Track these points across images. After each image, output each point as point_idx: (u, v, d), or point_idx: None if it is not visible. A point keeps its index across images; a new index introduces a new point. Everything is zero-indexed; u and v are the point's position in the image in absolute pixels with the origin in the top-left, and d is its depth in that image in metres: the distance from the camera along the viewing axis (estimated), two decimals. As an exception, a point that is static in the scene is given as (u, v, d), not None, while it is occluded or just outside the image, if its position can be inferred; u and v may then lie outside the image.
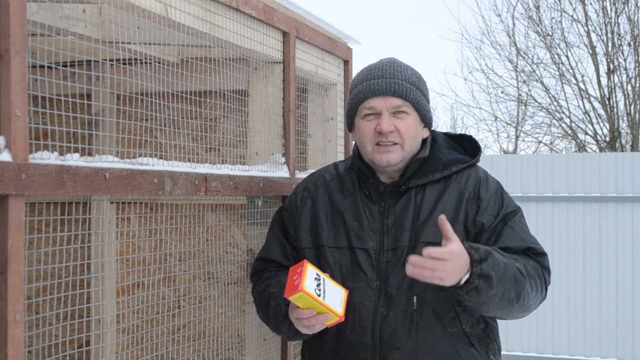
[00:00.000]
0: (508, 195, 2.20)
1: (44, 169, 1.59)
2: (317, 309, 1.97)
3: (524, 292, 2.00)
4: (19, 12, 1.54)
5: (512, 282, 1.97)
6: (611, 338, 7.19)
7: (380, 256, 2.11)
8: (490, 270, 1.92)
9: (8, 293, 1.51)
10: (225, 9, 2.39)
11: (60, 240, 2.50)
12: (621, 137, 13.13)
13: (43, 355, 2.18)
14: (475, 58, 22.77)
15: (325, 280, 2.00)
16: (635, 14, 12.68)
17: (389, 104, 2.12)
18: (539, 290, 2.07)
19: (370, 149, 2.14)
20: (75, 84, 1.95)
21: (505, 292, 1.96)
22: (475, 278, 1.91)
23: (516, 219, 2.15)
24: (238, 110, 2.75)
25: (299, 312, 2.00)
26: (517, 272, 1.99)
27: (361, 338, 2.08)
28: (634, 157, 7.29)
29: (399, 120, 2.12)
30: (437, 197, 2.14)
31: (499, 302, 1.98)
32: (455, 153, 2.23)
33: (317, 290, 1.94)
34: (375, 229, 2.14)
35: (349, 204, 2.20)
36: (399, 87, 2.12)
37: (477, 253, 1.93)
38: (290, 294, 1.94)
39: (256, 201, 2.69)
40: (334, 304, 1.97)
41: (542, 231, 7.41)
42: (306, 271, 1.96)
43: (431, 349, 2.05)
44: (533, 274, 2.05)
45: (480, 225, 2.10)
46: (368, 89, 2.13)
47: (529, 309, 2.09)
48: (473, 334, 2.09)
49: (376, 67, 2.19)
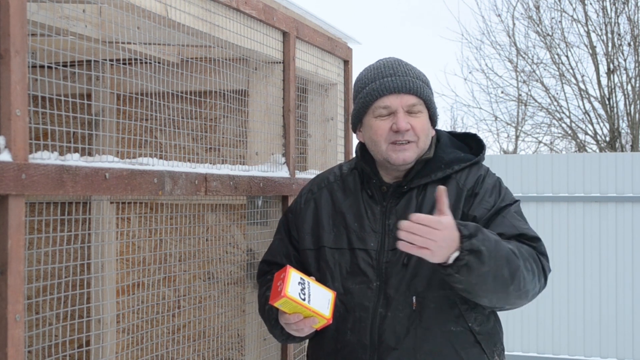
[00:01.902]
0: (506, 190, 2.16)
1: (44, 169, 1.59)
2: (303, 313, 1.97)
3: (519, 273, 1.92)
4: (19, 12, 1.54)
5: (504, 260, 1.89)
6: (611, 338, 7.19)
7: (380, 257, 2.10)
8: (481, 245, 1.86)
9: (8, 293, 1.51)
10: (225, 9, 2.39)
11: (60, 240, 2.50)
12: (621, 137, 13.13)
13: (43, 355, 2.18)
14: (475, 58, 22.80)
15: (310, 284, 2.00)
16: (635, 14, 12.69)
17: (404, 102, 2.10)
18: (535, 274, 1.98)
19: (385, 147, 2.11)
20: (75, 84, 1.95)
21: (498, 270, 1.88)
22: (466, 254, 1.85)
23: (511, 209, 2.09)
24: (238, 110, 2.75)
25: (286, 317, 2.01)
26: (509, 252, 1.92)
27: (360, 339, 2.08)
28: (634, 157, 7.29)
29: (413, 118, 2.10)
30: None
31: (493, 282, 1.90)
32: (459, 152, 2.22)
33: (301, 294, 1.94)
34: (376, 229, 2.13)
35: (350, 205, 2.20)
36: (414, 84, 2.11)
37: (466, 229, 1.88)
38: (275, 300, 1.95)
39: (256, 201, 2.68)
40: (320, 307, 1.97)
41: (542, 231, 7.40)
42: (289, 276, 1.96)
43: (429, 349, 2.04)
44: (527, 256, 1.97)
45: (472, 219, 2.05)
46: (382, 87, 2.10)
47: (527, 295, 2.00)
48: (482, 331, 2.07)
49: (385, 65, 2.16)
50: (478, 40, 20.09)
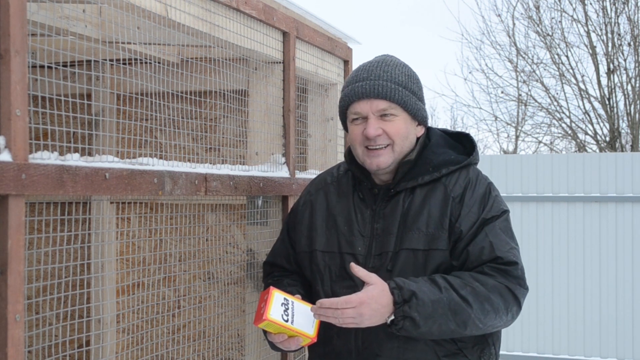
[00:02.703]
0: (495, 198, 2.10)
1: (44, 169, 1.59)
2: (287, 333, 2.01)
3: (470, 320, 1.94)
4: (19, 12, 1.54)
5: (447, 316, 1.92)
6: (611, 338, 7.19)
7: (367, 261, 2.08)
8: (414, 312, 1.90)
9: (8, 293, 1.51)
10: (225, 9, 2.39)
11: (60, 240, 2.50)
12: (621, 137, 13.12)
13: (43, 355, 2.18)
14: (475, 58, 22.78)
15: (295, 303, 2.02)
16: (635, 14, 12.68)
17: (374, 108, 2.06)
18: (500, 310, 1.98)
19: (361, 152, 2.10)
20: (75, 84, 1.95)
21: (442, 326, 1.92)
22: (400, 319, 1.91)
23: (496, 223, 2.05)
24: (238, 110, 2.75)
25: (272, 337, 2.06)
26: (458, 303, 1.92)
27: (346, 343, 2.08)
28: (634, 157, 7.29)
29: (386, 123, 2.07)
30: (424, 201, 2.08)
31: (440, 334, 1.95)
32: (450, 153, 2.16)
33: (284, 315, 1.97)
34: (365, 233, 2.12)
35: (342, 208, 2.19)
36: (383, 88, 2.06)
37: (400, 294, 1.91)
38: (258, 322, 1.99)
39: (256, 201, 2.68)
40: (304, 326, 2.00)
41: (542, 231, 7.42)
42: (272, 298, 1.99)
43: (412, 356, 2.03)
44: (486, 296, 1.95)
45: (458, 232, 2.03)
46: (353, 93, 2.09)
47: (494, 328, 2.02)
48: (463, 339, 2.04)
49: (364, 68, 2.13)
50: (478, 40, 20.09)
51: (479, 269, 2.00)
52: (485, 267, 2.00)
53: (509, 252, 2.02)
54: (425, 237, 2.04)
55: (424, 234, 2.04)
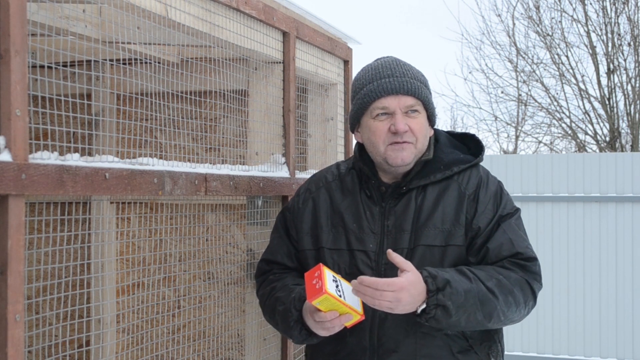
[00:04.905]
0: (507, 196, 2.17)
1: (44, 169, 1.59)
2: (339, 310, 1.94)
3: (496, 312, 1.97)
4: (19, 12, 1.54)
5: (476, 306, 1.94)
6: (611, 338, 7.19)
7: (380, 258, 2.09)
8: (447, 300, 1.91)
9: (8, 293, 1.51)
10: (225, 9, 2.39)
11: (60, 240, 2.50)
12: (621, 137, 13.13)
13: (43, 355, 2.18)
14: (475, 58, 22.77)
15: (341, 282, 1.99)
16: (635, 14, 12.68)
17: (402, 104, 2.09)
18: (521, 304, 2.02)
19: (384, 148, 2.10)
20: (75, 84, 1.95)
21: (470, 316, 1.95)
22: (432, 308, 1.91)
23: (512, 220, 2.10)
24: (238, 110, 2.75)
25: (321, 316, 1.96)
26: (485, 295, 1.96)
27: (360, 341, 2.07)
28: (634, 157, 7.29)
29: (411, 120, 2.10)
30: (438, 198, 2.11)
31: (466, 325, 1.97)
32: (458, 152, 2.20)
33: (337, 291, 1.93)
34: (375, 230, 2.12)
35: (348, 205, 2.19)
36: (412, 85, 2.10)
37: (433, 283, 1.91)
38: (314, 298, 1.91)
39: (256, 201, 2.69)
40: (354, 303, 1.96)
41: (542, 231, 7.41)
42: (324, 274, 1.95)
43: (428, 352, 2.04)
44: (510, 288, 2.00)
45: (476, 229, 2.07)
46: (380, 88, 2.09)
47: (512, 321, 2.06)
48: (472, 336, 2.07)
49: (383, 65, 2.15)
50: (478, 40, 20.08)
51: (499, 263, 2.04)
52: (505, 262, 2.05)
53: (527, 249, 2.08)
54: (441, 234, 2.07)
55: (440, 231, 2.07)
